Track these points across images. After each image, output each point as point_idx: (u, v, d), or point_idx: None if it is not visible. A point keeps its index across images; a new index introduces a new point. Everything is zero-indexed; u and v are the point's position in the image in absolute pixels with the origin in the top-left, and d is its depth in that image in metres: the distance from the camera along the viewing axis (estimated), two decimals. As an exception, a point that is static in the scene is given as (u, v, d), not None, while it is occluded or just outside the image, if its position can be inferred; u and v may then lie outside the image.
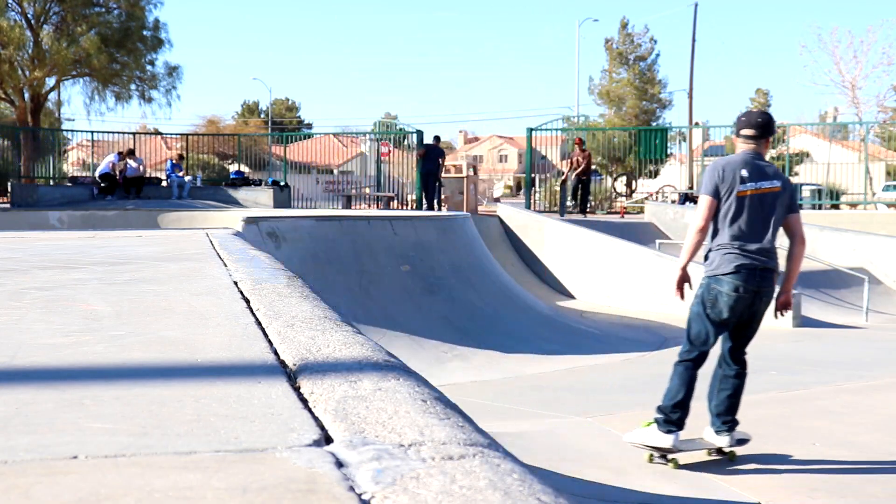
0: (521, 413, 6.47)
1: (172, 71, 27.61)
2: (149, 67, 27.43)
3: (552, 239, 15.40)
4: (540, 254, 15.52)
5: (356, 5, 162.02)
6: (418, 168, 20.48)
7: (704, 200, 4.54)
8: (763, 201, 4.52)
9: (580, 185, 19.15)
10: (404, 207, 21.25)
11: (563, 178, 19.07)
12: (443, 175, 19.93)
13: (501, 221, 16.70)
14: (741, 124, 4.59)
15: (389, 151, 22.92)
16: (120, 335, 1.67)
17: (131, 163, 20.28)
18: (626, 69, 40.37)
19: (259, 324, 1.76)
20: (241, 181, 22.30)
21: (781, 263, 4.67)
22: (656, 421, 4.74)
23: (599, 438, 5.54)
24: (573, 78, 45.59)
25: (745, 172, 4.49)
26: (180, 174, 20.77)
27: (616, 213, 21.69)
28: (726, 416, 4.82)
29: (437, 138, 21.08)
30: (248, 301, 2.03)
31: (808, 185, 27.77)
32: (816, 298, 13.26)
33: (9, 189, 20.31)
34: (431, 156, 19.13)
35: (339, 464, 0.93)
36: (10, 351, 1.53)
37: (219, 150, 34.18)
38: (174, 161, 21.22)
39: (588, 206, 19.65)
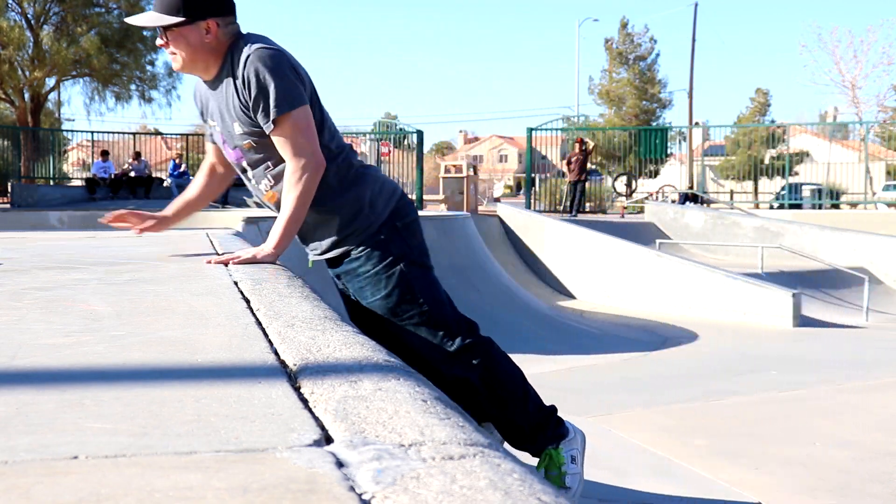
0: (522, 413, 6.46)
1: (172, 71, 27.61)
2: (149, 68, 27.44)
3: (552, 239, 15.40)
4: (540, 254, 15.53)
5: (356, 5, 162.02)
6: (418, 168, 20.49)
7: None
8: None
9: (576, 187, 19.19)
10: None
11: (578, 177, 19.07)
12: (444, 176, 19.92)
13: (501, 221, 16.70)
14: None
15: (389, 151, 22.92)
16: (120, 335, 1.67)
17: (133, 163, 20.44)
18: (626, 69, 40.37)
19: (259, 324, 1.76)
20: (241, 181, 22.21)
21: None
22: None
23: (599, 438, 5.54)
24: (573, 78, 45.64)
25: None
26: (179, 171, 20.79)
27: (616, 212, 21.70)
28: None
29: None
30: (248, 301, 2.03)
31: (808, 184, 27.78)
32: (816, 298, 13.27)
33: (9, 189, 20.32)
34: None
35: (340, 464, 0.93)
36: (10, 351, 1.53)
37: (219, 151, 34.12)
38: (176, 161, 21.25)
39: (582, 207, 19.68)
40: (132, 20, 2.71)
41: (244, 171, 2.80)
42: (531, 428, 2.79)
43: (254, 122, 2.61)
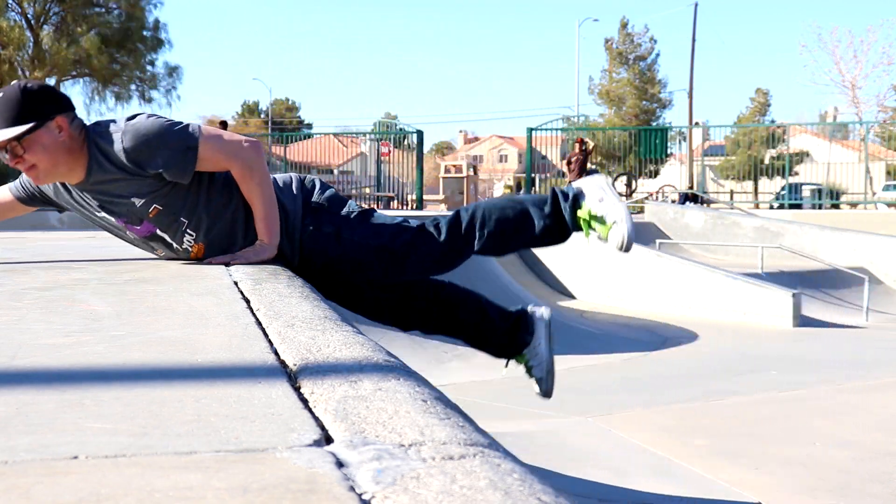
0: (522, 413, 6.46)
1: (172, 71, 27.68)
2: (149, 68, 27.48)
3: (552, 239, 15.38)
4: (540, 254, 15.53)
5: (356, 5, 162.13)
6: (418, 168, 20.50)
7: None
8: None
9: None
10: (404, 207, 21.26)
11: (578, 177, 19.09)
12: (444, 176, 19.93)
13: (501, 221, 16.68)
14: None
15: (389, 151, 22.92)
16: (120, 335, 1.67)
17: None
18: (626, 69, 40.38)
19: (259, 324, 1.76)
20: None
21: None
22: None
23: (599, 438, 5.54)
24: (573, 78, 45.64)
25: None
26: None
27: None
28: None
29: (223, 124, 20.62)
30: (248, 301, 2.03)
31: (808, 184, 27.78)
32: (816, 298, 13.27)
33: (9, 189, 20.27)
34: None
35: (340, 464, 0.93)
36: (10, 351, 1.53)
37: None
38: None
39: None
40: None
41: (159, 239, 2.76)
42: (553, 218, 2.81)
43: (156, 185, 2.60)
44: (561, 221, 2.83)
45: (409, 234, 2.75)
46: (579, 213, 2.79)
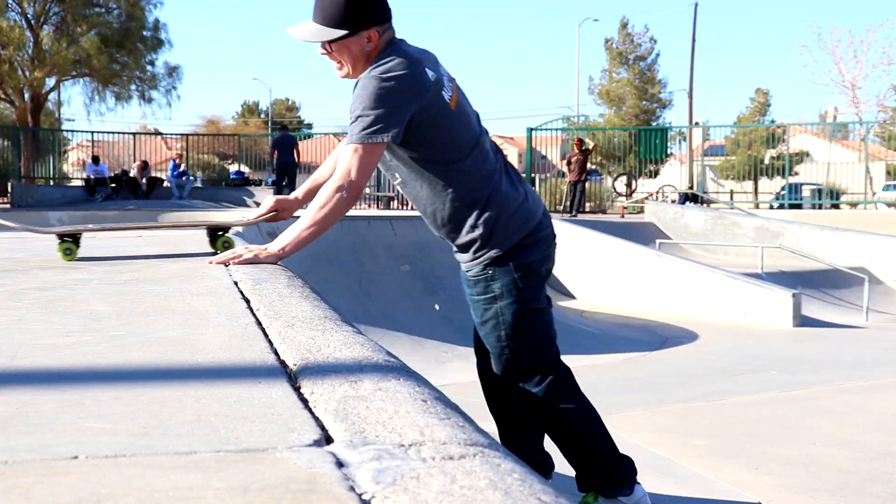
0: (522, 413, 6.46)
1: (172, 71, 27.65)
2: (149, 68, 27.46)
3: (552, 239, 15.39)
4: (540, 254, 15.51)
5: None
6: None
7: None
8: None
9: (576, 187, 19.23)
10: (404, 207, 21.25)
11: (578, 177, 19.11)
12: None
13: (501, 221, 16.67)
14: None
15: (390, 151, 22.85)
16: (120, 335, 1.67)
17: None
18: (626, 69, 40.37)
19: (259, 324, 1.76)
20: (242, 181, 22.35)
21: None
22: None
23: (599, 438, 5.54)
24: (573, 78, 45.67)
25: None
26: (179, 171, 20.82)
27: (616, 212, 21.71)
28: None
29: (284, 127, 20.81)
30: (248, 301, 2.03)
31: (808, 184, 27.79)
32: (816, 298, 13.27)
33: (9, 189, 20.34)
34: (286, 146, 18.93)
35: (340, 464, 0.93)
36: (10, 351, 1.53)
37: (219, 151, 34.22)
38: (176, 161, 21.25)
39: (582, 207, 19.71)
40: (293, 32, 2.65)
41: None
42: (604, 468, 3.04)
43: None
44: (602, 479, 3.04)
45: (538, 362, 2.91)
46: (600, 494, 2.95)
